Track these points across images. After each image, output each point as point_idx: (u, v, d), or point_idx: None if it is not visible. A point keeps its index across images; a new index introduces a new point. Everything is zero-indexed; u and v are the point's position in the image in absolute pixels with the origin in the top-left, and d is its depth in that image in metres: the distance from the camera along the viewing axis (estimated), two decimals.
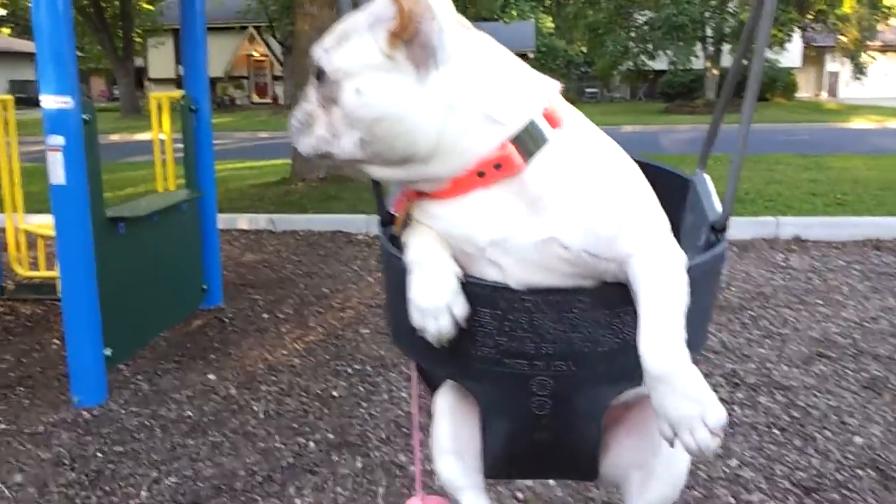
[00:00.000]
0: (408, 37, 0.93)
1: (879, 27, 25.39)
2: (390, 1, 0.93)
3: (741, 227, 5.94)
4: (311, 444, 2.80)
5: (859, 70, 25.68)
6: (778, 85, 28.49)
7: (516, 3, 37.50)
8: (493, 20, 29.89)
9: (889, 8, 25.24)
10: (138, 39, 29.34)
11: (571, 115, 1.04)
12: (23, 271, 4.59)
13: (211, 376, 3.44)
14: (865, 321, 3.96)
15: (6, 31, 39.58)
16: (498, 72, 1.00)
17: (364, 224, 6.35)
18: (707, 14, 24.43)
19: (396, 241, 1.11)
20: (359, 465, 2.64)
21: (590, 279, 1.01)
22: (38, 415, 3.10)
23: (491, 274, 1.01)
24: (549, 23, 41.70)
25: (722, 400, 2.96)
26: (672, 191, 1.28)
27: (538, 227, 0.98)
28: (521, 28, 33.49)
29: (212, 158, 4.36)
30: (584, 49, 33.80)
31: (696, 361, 0.96)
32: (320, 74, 1.01)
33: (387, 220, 1.20)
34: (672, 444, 0.95)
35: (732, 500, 2.37)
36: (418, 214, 1.07)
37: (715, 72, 25.84)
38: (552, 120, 1.00)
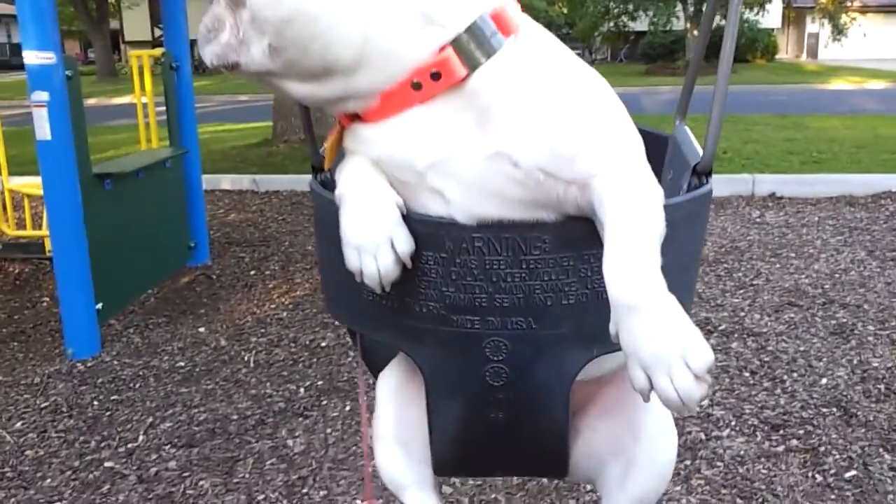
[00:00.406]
0: None
1: None
2: None
3: (718, 185, 5.97)
4: (301, 390, 2.90)
5: (839, 31, 25.79)
6: (758, 46, 28.55)
7: None
8: None
9: None
10: (112, 1, 28.80)
11: (527, 23, 0.90)
12: (10, 231, 4.62)
13: (201, 329, 3.52)
14: (836, 272, 4.10)
15: None
16: None
17: None
18: None
19: (331, 187, 0.95)
20: (347, 408, 2.74)
21: (550, 210, 0.86)
22: (33, 367, 3.17)
23: (435, 208, 0.87)
24: None
25: None
26: (650, 151, 1.11)
27: (485, 142, 0.83)
28: None
29: (194, 115, 4.40)
30: (565, 10, 33.58)
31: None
32: None
33: (317, 166, 1.07)
34: (647, 396, 0.77)
35: (703, 436, 2.49)
36: (349, 142, 0.93)
37: (695, 33, 25.81)
38: (503, 25, 0.85)
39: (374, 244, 0.84)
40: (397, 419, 1.08)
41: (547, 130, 0.82)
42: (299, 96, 0.91)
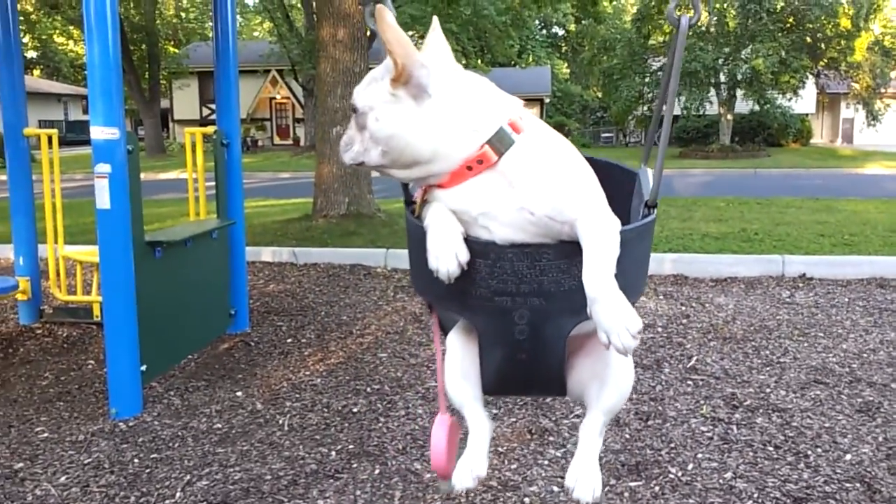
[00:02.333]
0: (404, 80, 1.36)
1: (892, 74, 25.63)
2: (389, 59, 1.36)
3: (748, 265, 6.12)
4: (333, 453, 3.00)
5: (873, 117, 25.89)
6: (789, 131, 28.78)
7: (532, 49, 38.20)
8: (509, 66, 30.48)
9: None
10: (163, 82, 30.17)
11: (533, 123, 1.44)
12: (61, 296, 4.85)
13: (238, 393, 3.65)
14: (864, 352, 4.12)
15: (36, 73, 40.76)
16: (473, 97, 1.41)
17: (382, 258, 6.59)
18: (720, 61, 24.83)
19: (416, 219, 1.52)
20: (377, 471, 2.83)
21: (552, 238, 1.40)
22: (77, 425, 3.32)
23: (483, 234, 1.41)
24: (564, 69, 42.37)
25: (720, 420, 3.16)
26: (624, 182, 1.80)
27: (513, 200, 1.38)
28: (537, 73, 34.10)
29: (241, 189, 4.64)
30: (600, 94, 34.26)
31: (645, 324, 1.23)
32: (355, 109, 1.43)
33: (409, 202, 1.60)
34: (607, 347, 1.30)
35: None
36: (430, 199, 1.47)
37: (729, 117, 26.15)
38: (515, 128, 1.40)
39: (446, 254, 1.38)
40: (461, 359, 1.59)
41: (549, 193, 1.38)
42: (399, 178, 1.47)
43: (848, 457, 2.87)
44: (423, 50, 1.44)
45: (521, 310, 1.42)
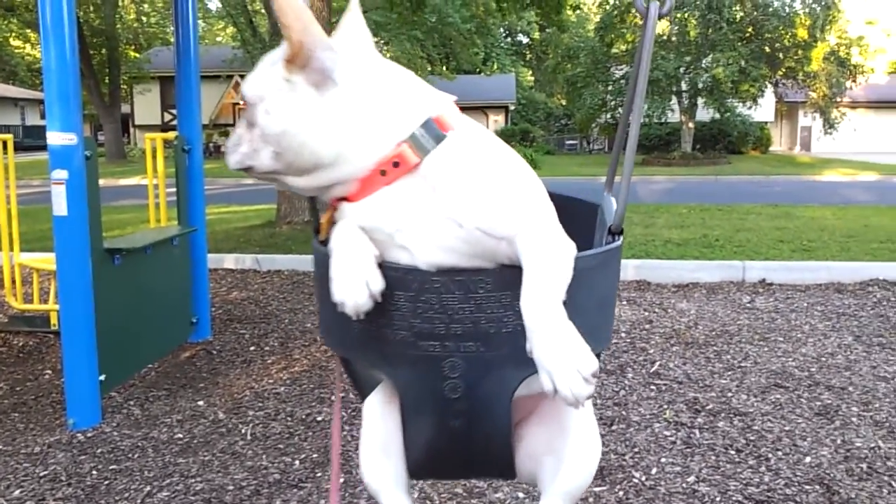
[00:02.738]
0: (301, 63, 1.11)
1: (848, 84, 26.24)
2: (286, 36, 1.11)
3: (710, 271, 6.21)
4: (297, 462, 2.96)
5: (830, 125, 26.47)
6: (749, 139, 29.36)
7: (497, 56, 38.42)
8: (474, 73, 30.62)
9: (856, 66, 26.15)
10: (124, 86, 29.72)
11: (464, 122, 1.20)
12: (17, 304, 4.73)
13: (200, 402, 3.59)
14: (822, 356, 4.19)
15: None
16: (390, 88, 1.17)
17: None
18: (681, 69, 25.20)
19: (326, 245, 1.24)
20: (341, 480, 2.79)
21: (490, 261, 1.14)
22: (33, 437, 3.24)
23: (403, 258, 1.14)
24: (529, 76, 42.70)
25: (682, 424, 3.18)
26: (588, 216, 1.56)
27: (436, 210, 1.12)
28: (502, 81, 34.33)
29: (203, 196, 4.58)
30: (564, 102, 34.57)
31: (601, 357, 1.07)
32: (244, 101, 1.19)
33: (316, 230, 1.35)
34: (552, 395, 1.03)
35: None
36: (338, 216, 1.22)
37: (690, 125, 26.54)
38: (442, 125, 1.16)
39: (353, 283, 1.10)
40: (380, 433, 1.31)
41: (480, 201, 1.12)
42: (298, 187, 1.20)
43: (807, 459, 2.92)
44: (336, 33, 1.21)
45: (454, 358, 1.13)
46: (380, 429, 1.31)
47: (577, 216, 1.37)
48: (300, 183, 1.19)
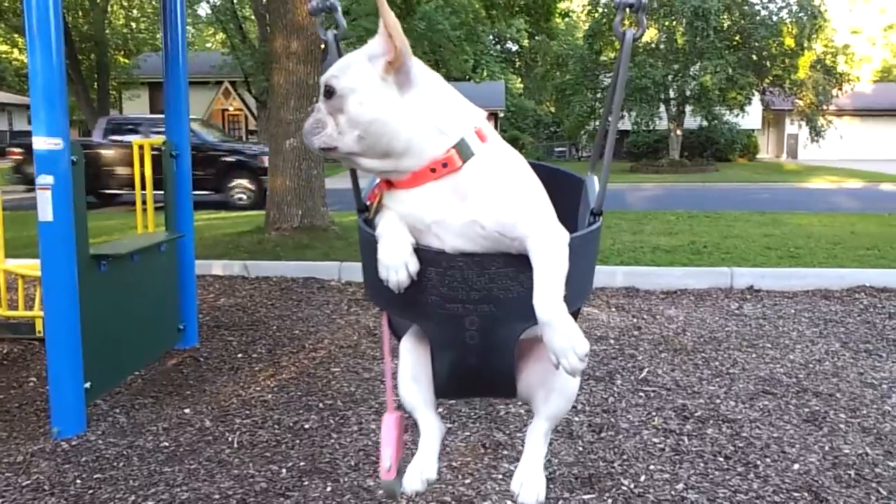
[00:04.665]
0: (397, 66, 1.37)
1: (834, 92, 26.43)
2: (385, 42, 1.37)
3: (698, 277, 6.22)
4: (284, 470, 2.94)
5: (817, 133, 26.64)
6: (736, 146, 29.54)
7: (487, 63, 38.51)
8: (464, 80, 30.65)
9: (842, 75, 26.35)
10: (113, 92, 29.58)
11: (493, 135, 1.47)
12: (2, 311, 4.68)
13: (187, 410, 3.56)
14: (810, 363, 4.21)
15: None
16: (446, 98, 1.44)
17: (336, 271, 6.52)
18: (669, 77, 25.34)
19: (368, 224, 1.53)
20: (329, 489, 2.78)
21: (500, 249, 1.42)
22: (16, 445, 3.20)
23: (434, 244, 1.43)
24: (518, 83, 42.83)
25: (671, 431, 3.18)
26: (574, 188, 1.87)
27: (465, 212, 1.40)
28: (491, 88, 34.38)
29: (190, 202, 4.55)
30: (553, 109, 34.66)
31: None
32: (329, 93, 1.41)
33: (362, 210, 1.62)
34: (557, 368, 1.36)
35: None
36: (387, 200, 1.49)
37: (678, 132, 26.67)
38: (481, 136, 1.43)
39: (396, 265, 1.40)
40: (413, 366, 1.62)
41: (501, 210, 1.39)
42: (368, 167, 1.45)
43: (796, 466, 2.92)
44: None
45: (472, 316, 1.44)
46: (412, 362, 1.62)
47: (561, 187, 1.71)
48: (370, 165, 1.43)
